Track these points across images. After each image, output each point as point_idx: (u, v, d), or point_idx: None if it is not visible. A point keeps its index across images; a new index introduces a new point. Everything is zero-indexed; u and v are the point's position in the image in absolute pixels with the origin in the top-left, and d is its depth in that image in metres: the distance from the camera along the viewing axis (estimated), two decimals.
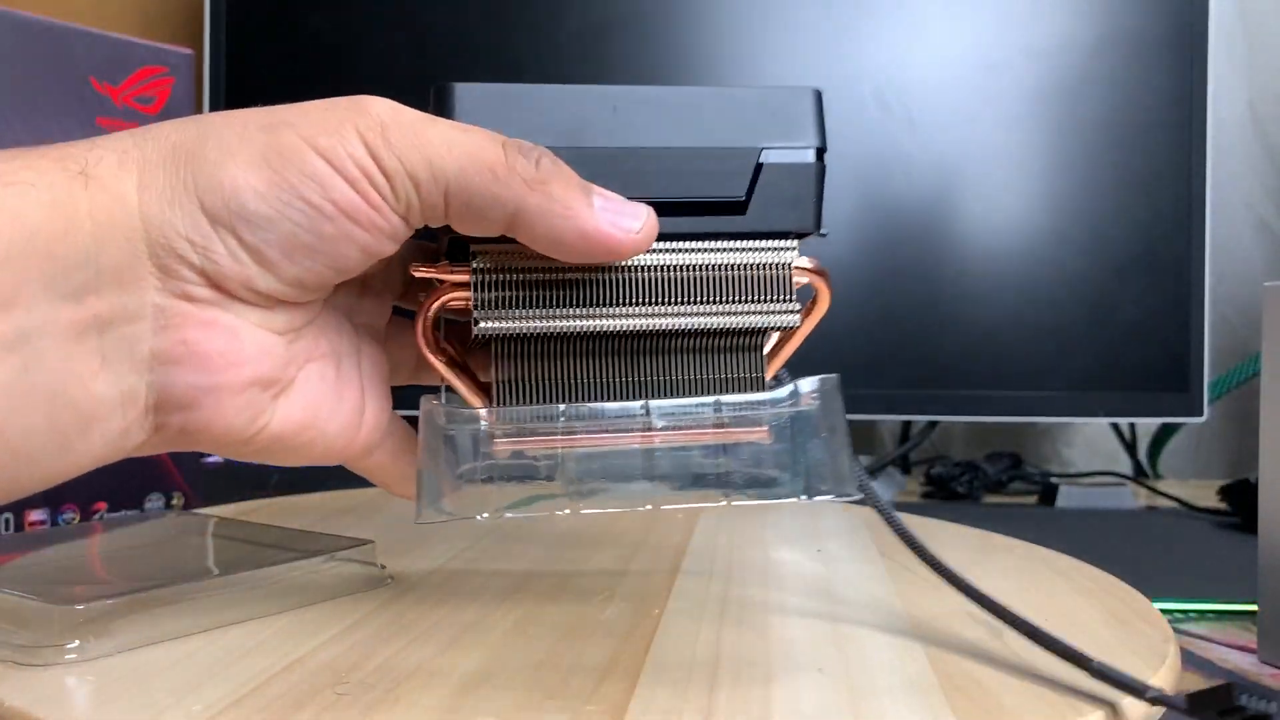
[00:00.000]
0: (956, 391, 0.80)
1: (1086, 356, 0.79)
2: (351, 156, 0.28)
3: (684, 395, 0.33)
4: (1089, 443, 1.00)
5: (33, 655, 0.30)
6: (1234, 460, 0.99)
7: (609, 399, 0.33)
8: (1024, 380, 0.79)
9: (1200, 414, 0.79)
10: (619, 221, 0.30)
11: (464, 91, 0.31)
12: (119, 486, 0.57)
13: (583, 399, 0.33)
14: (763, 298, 0.32)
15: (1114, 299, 0.79)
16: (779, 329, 0.33)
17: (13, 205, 0.26)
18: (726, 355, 0.33)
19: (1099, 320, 0.79)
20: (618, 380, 0.33)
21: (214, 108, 0.83)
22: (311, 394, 0.32)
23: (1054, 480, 0.87)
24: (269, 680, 0.29)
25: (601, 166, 0.32)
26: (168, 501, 0.59)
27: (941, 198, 0.80)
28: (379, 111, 0.29)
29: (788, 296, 0.33)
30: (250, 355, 0.29)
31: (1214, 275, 0.86)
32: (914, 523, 0.55)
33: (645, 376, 0.33)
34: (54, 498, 0.54)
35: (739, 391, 0.33)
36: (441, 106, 0.31)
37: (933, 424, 0.91)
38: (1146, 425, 0.97)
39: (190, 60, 0.60)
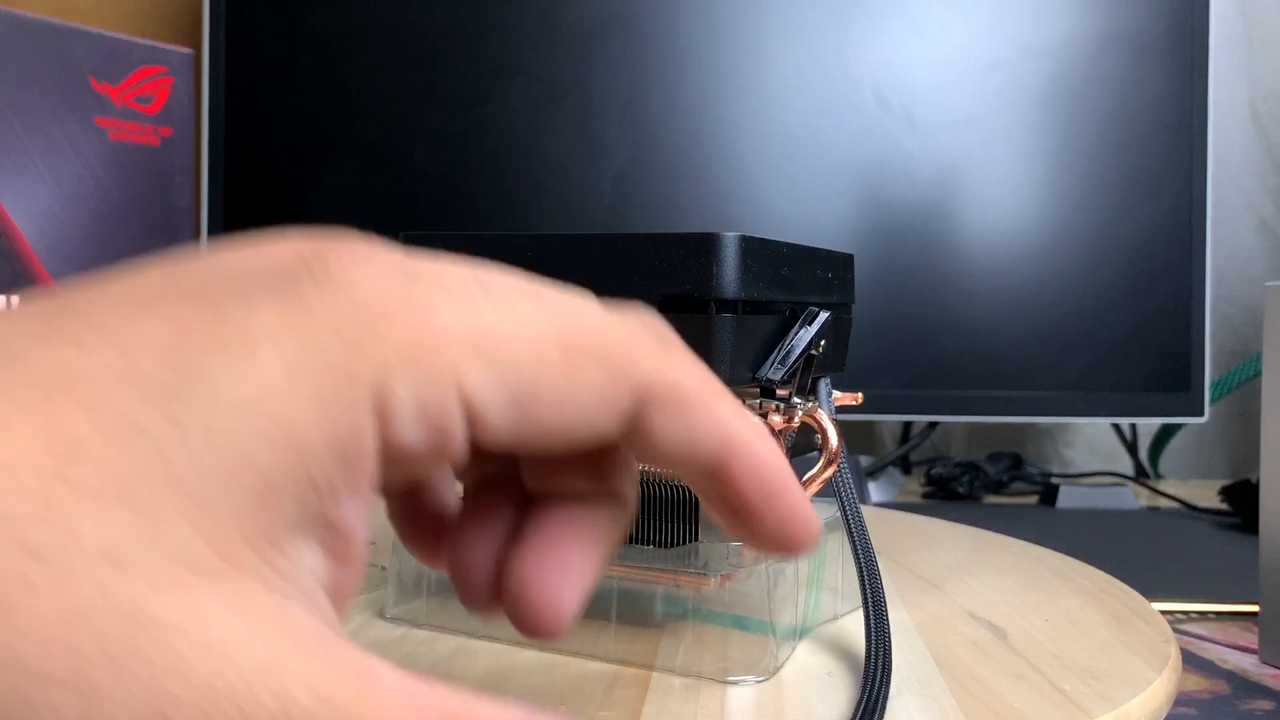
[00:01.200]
0: (956, 391, 0.80)
1: (1087, 356, 0.79)
2: None
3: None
4: (1090, 443, 1.00)
5: None
6: (1235, 460, 0.99)
7: None
8: (1024, 380, 0.79)
9: (1201, 414, 0.79)
10: None
11: (404, 238, 0.34)
12: None
13: None
14: None
15: (1115, 299, 0.79)
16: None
17: None
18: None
19: (1100, 320, 0.79)
20: None
21: (214, 108, 0.83)
22: None
23: (1055, 480, 0.87)
24: None
25: None
26: None
27: (941, 197, 0.80)
28: None
29: None
30: None
31: (1215, 275, 0.86)
32: (913, 522, 0.55)
33: None
34: None
35: (677, 542, 0.33)
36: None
37: (933, 424, 0.91)
38: (1147, 425, 0.97)
39: (190, 60, 0.60)
